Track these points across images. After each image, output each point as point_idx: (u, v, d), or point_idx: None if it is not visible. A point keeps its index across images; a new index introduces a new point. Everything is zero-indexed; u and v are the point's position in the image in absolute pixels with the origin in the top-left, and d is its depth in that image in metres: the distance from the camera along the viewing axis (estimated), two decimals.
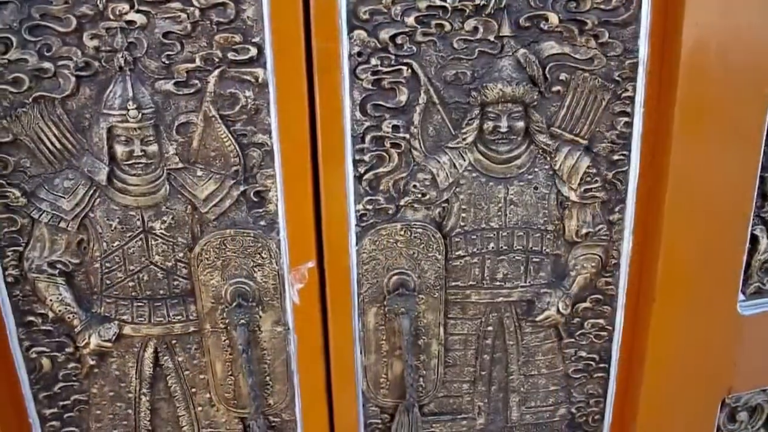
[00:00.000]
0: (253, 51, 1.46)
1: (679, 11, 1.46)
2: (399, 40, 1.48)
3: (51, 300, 1.63)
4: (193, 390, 1.77)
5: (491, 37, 1.50)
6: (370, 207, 1.61)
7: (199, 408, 1.80)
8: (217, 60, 1.47)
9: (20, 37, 1.42)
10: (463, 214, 1.64)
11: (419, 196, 1.61)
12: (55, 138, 1.51)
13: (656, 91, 1.56)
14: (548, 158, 1.62)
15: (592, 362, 1.84)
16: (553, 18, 1.49)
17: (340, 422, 1.80)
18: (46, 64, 1.44)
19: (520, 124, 1.57)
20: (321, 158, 1.54)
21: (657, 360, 1.74)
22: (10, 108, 1.47)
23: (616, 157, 1.63)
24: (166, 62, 1.46)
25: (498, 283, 1.71)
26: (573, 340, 1.81)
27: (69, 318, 1.65)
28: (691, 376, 1.79)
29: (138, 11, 1.42)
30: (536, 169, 1.63)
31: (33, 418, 1.75)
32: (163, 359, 1.73)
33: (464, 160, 1.60)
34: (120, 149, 1.51)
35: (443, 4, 1.46)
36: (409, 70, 1.51)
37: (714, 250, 1.69)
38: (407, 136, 1.56)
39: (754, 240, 1.77)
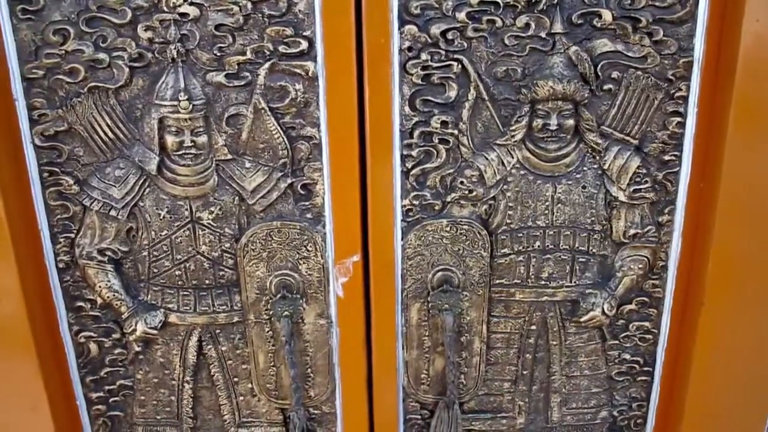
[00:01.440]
0: (304, 44, 1.47)
1: (738, 7, 1.43)
2: (450, 36, 1.48)
3: (100, 286, 1.66)
4: (236, 379, 1.79)
5: (543, 34, 1.48)
6: (416, 202, 1.61)
7: (241, 397, 1.82)
8: (267, 53, 1.48)
9: (77, 29, 1.45)
10: (510, 212, 1.63)
11: (466, 192, 1.60)
12: (108, 127, 1.54)
13: (711, 90, 1.53)
14: (597, 157, 1.60)
15: (635, 365, 1.82)
16: (607, 15, 1.47)
17: (380, 416, 1.81)
18: (102, 55, 1.47)
19: (570, 122, 1.55)
20: (369, 153, 1.55)
21: (704, 365, 1.71)
22: (66, 98, 1.51)
23: (667, 158, 1.60)
24: (218, 54, 1.48)
25: (543, 282, 1.70)
26: (617, 342, 1.79)
27: (117, 305, 1.68)
28: (739, 383, 1.75)
29: (191, 3, 1.44)
30: (585, 168, 1.61)
31: (80, 400, 1.79)
32: (206, 348, 1.76)
33: (512, 158, 1.59)
34: (170, 139, 1.53)
35: None
36: (459, 66, 1.50)
37: (767, 253, 1.65)
38: (456, 132, 1.55)
39: None
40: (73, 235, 1.63)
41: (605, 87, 1.53)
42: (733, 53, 1.46)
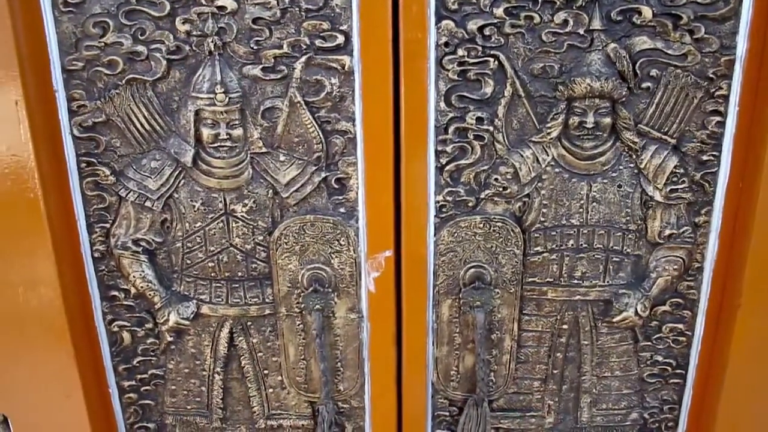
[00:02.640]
0: (341, 38, 1.47)
1: None
2: (487, 32, 1.47)
3: (134, 276, 1.68)
4: (266, 372, 1.80)
5: (581, 31, 1.47)
6: (450, 198, 1.60)
7: (270, 390, 1.83)
8: (304, 47, 1.48)
9: (117, 21, 1.47)
10: (544, 210, 1.62)
11: (500, 189, 1.60)
12: (145, 119, 1.55)
13: (753, 89, 1.50)
14: (634, 156, 1.58)
15: (668, 367, 1.80)
16: (647, 12, 1.45)
17: (409, 412, 1.81)
18: (140, 48, 1.49)
19: (607, 120, 1.53)
20: (403, 148, 1.54)
21: (739, 369, 1.68)
22: (104, 89, 1.53)
23: (705, 158, 1.57)
24: (255, 48, 1.48)
25: (576, 281, 1.69)
26: (649, 343, 1.77)
27: (150, 295, 1.70)
28: None
29: None
30: (621, 167, 1.59)
31: (112, 388, 1.81)
32: (237, 340, 1.77)
33: (547, 155, 1.57)
34: (206, 132, 1.54)
35: None
36: (496, 62, 1.49)
37: None
38: (491, 128, 1.54)
39: None
40: (108, 226, 1.65)
41: (643, 85, 1.51)
42: None
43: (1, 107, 1.46)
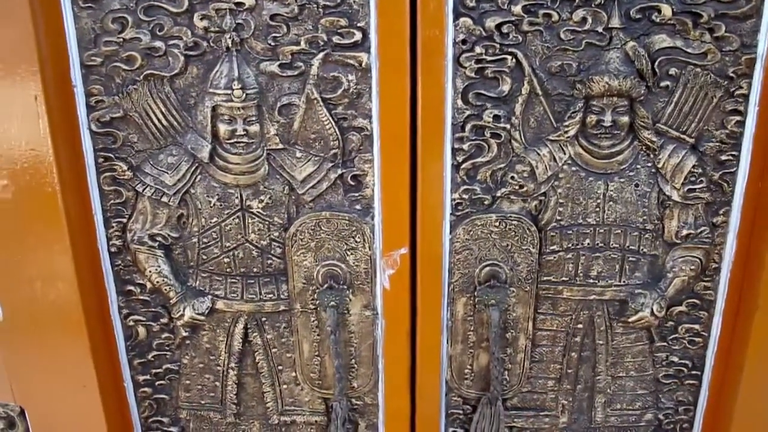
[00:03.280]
0: (358, 35, 1.47)
1: None
2: (505, 29, 1.46)
3: (150, 271, 1.69)
4: (280, 367, 1.81)
5: (600, 29, 1.46)
6: (466, 196, 1.60)
7: (284, 386, 1.83)
8: (321, 43, 1.48)
9: (135, 17, 1.48)
10: (560, 209, 1.61)
11: (516, 188, 1.59)
12: (162, 115, 1.56)
13: None
14: (652, 155, 1.57)
15: (683, 368, 1.79)
16: (666, 10, 1.44)
17: (422, 410, 1.81)
18: (158, 43, 1.49)
19: (625, 119, 1.52)
20: (420, 145, 1.54)
21: (756, 371, 1.67)
22: (122, 85, 1.53)
23: (724, 158, 1.56)
24: (272, 44, 1.49)
25: (591, 281, 1.68)
26: (665, 344, 1.76)
27: (166, 290, 1.70)
28: None
29: None
30: (638, 166, 1.58)
31: (127, 382, 1.83)
32: (252, 335, 1.77)
33: (564, 154, 1.57)
34: (223, 128, 1.55)
35: None
36: (514, 60, 1.48)
37: None
38: (508, 126, 1.54)
39: None
40: (125, 220, 1.66)
41: (662, 84, 1.50)
42: None
43: (21, 102, 1.48)
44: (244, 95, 1.51)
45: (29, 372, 1.75)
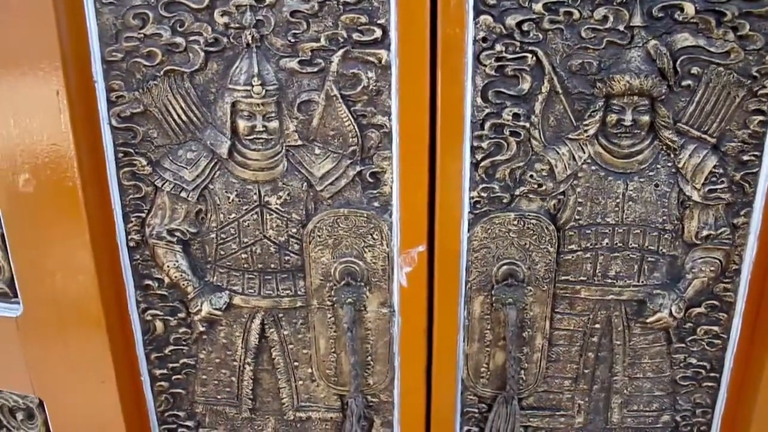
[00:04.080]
0: (378, 32, 1.46)
1: None
2: (525, 27, 1.45)
3: (168, 266, 1.70)
4: (296, 364, 1.81)
5: (621, 27, 1.45)
6: (484, 195, 1.59)
7: (300, 382, 1.84)
8: (341, 40, 1.48)
9: (156, 13, 1.48)
10: (579, 208, 1.60)
11: (535, 186, 1.58)
12: (182, 110, 1.56)
13: None
14: (672, 155, 1.55)
15: (702, 370, 1.77)
16: (689, 8, 1.42)
17: (438, 408, 1.80)
18: (178, 39, 1.50)
19: (646, 118, 1.51)
20: (439, 143, 1.54)
21: None
22: (143, 80, 1.54)
23: (746, 158, 1.54)
24: (292, 40, 1.49)
25: (609, 281, 1.67)
26: (683, 345, 1.74)
27: (183, 285, 1.71)
28: None
29: None
30: (658, 166, 1.57)
31: (144, 376, 1.84)
32: (269, 331, 1.78)
33: (584, 153, 1.56)
34: (242, 124, 1.55)
35: None
36: (534, 58, 1.48)
37: None
38: (527, 125, 1.53)
39: None
40: (144, 215, 1.67)
41: (684, 83, 1.48)
42: None
43: (43, 97, 1.49)
44: (264, 91, 1.52)
45: (48, 364, 1.76)
